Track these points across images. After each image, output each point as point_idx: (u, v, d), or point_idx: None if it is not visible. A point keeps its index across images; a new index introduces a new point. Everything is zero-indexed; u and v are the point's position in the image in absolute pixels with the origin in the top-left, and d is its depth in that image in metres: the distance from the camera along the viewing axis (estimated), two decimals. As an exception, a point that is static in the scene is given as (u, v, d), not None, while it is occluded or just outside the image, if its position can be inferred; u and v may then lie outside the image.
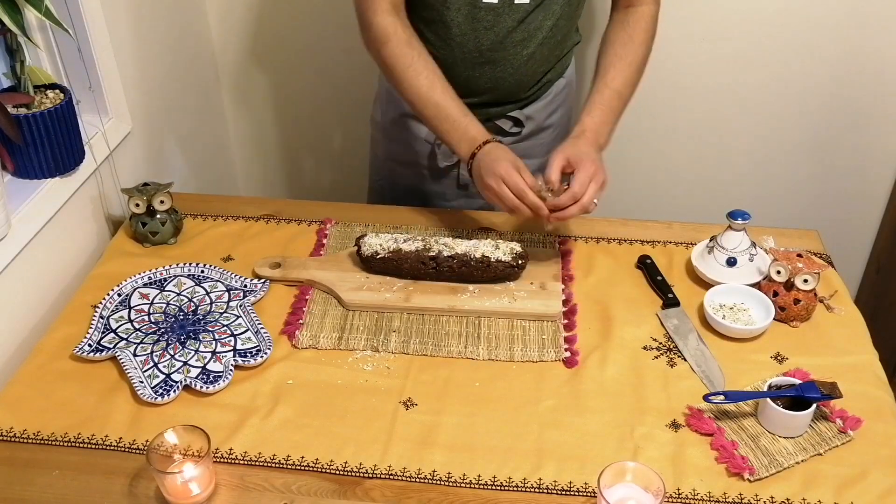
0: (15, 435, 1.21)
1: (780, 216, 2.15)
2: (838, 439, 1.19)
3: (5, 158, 1.42)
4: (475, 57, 1.53)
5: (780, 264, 1.39)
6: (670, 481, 1.14)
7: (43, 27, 1.49)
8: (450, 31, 1.51)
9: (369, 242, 1.45)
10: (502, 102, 1.62)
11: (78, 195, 1.52)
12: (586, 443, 1.20)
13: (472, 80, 1.56)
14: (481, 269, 1.43)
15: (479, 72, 1.55)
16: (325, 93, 2.23)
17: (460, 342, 1.36)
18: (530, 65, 1.57)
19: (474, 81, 1.57)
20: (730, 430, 1.20)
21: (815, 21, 1.95)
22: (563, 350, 1.34)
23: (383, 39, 1.46)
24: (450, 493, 1.14)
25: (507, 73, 1.56)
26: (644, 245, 1.57)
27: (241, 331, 1.36)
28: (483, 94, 1.59)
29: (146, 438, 1.19)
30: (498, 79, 1.57)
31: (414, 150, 1.70)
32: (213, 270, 1.48)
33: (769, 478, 1.14)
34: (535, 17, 1.50)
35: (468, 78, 1.56)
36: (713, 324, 1.37)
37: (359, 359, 1.33)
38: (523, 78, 1.59)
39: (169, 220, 1.55)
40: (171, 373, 1.27)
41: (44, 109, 1.39)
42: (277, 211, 1.66)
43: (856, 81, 2.02)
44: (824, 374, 1.27)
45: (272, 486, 1.14)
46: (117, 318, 1.38)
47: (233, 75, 2.23)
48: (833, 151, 2.15)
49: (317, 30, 2.12)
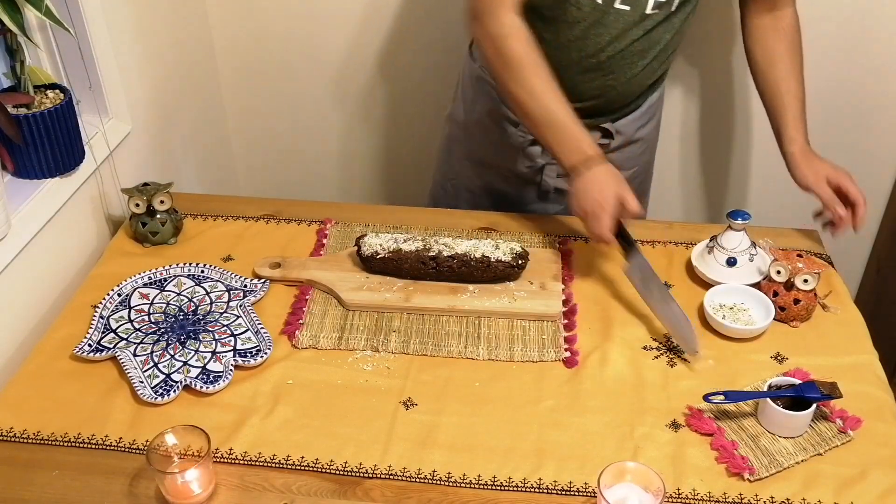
0: (15, 435, 1.21)
1: (780, 216, 2.14)
2: (838, 439, 1.19)
3: (5, 158, 1.42)
4: (590, 62, 1.49)
5: (780, 264, 1.39)
6: (670, 481, 1.14)
7: (43, 27, 1.49)
8: (572, 31, 1.46)
9: (369, 242, 1.45)
10: (602, 113, 1.58)
11: (78, 195, 1.52)
12: (586, 443, 1.20)
13: (580, 85, 1.51)
14: (481, 269, 1.43)
15: (589, 77, 1.51)
16: (325, 93, 2.22)
17: (460, 342, 1.36)
18: (641, 77, 1.54)
19: (581, 87, 1.52)
20: (730, 430, 1.20)
21: (816, 21, 1.95)
22: (563, 350, 1.34)
23: (508, 33, 1.39)
24: (450, 493, 1.14)
25: (618, 82, 1.52)
26: (644, 245, 1.57)
27: (241, 331, 1.36)
28: (586, 101, 1.54)
29: (146, 438, 1.19)
30: (608, 87, 1.53)
31: (499, 151, 1.67)
32: (213, 270, 1.48)
33: (769, 478, 1.14)
34: (659, 29, 1.47)
35: (576, 83, 1.50)
36: (713, 324, 1.37)
37: (359, 359, 1.33)
38: (632, 89, 1.56)
39: (169, 220, 1.55)
40: (171, 373, 1.27)
41: (44, 109, 1.39)
42: (277, 211, 1.66)
43: (856, 81, 2.02)
44: (824, 374, 1.27)
45: (272, 486, 1.14)
46: (117, 318, 1.38)
47: (233, 75, 2.23)
48: (833, 151, 2.13)
49: (317, 30, 2.11)
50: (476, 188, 1.75)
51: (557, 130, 1.40)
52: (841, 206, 1.49)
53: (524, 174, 1.67)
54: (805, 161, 1.53)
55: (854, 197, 1.49)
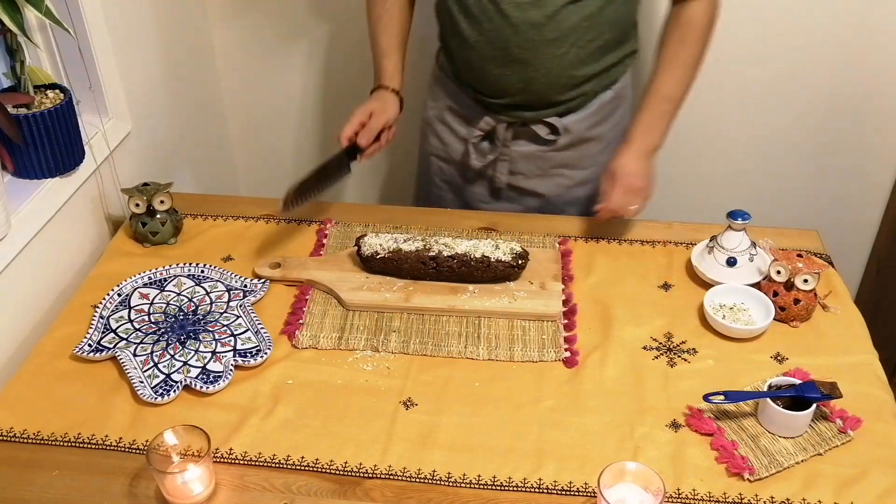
0: (15, 435, 1.21)
1: (780, 216, 2.14)
2: (838, 439, 1.19)
3: (5, 158, 1.42)
4: (504, 55, 1.51)
5: (780, 264, 1.39)
6: (670, 481, 1.14)
7: (43, 27, 1.49)
8: (481, 25, 1.49)
9: (369, 242, 1.45)
10: (536, 106, 1.59)
11: (78, 195, 1.52)
12: (586, 443, 1.20)
13: (502, 80, 1.54)
14: (481, 269, 1.43)
15: (508, 71, 1.52)
16: (325, 92, 2.23)
17: (460, 342, 1.36)
18: (563, 67, 1.52)
19: (505, 80, 1.54)
20: (730, 430, 1.20)
21: (816, 21, 1.95)
22: (563, 350, 1.34)
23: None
24: (450, 493, 1.14)
25: (538, 73, 1.52)
26: (644, 245, 1.57)
27: (241, 331, 1.36)
28: (514, 95, 1.56)
29: (146, 438, 1.19)
30: (529, 79, 1.53)
31: (455, 147, 1.71)
32: (213, 270, 1.48)
33: (769, 478, 1.14)
34: (568, 15, 1.46)
35: (499, 76, 1.54)
36: (713, 324, 1.37)
37: (359, 359, 1.33)
38: (558, 81, 1.54)
39: (169, 220, 1.55)
40: (171, 373, 1.27)
41: (44, 109, 1.39)
42: (277, 211, 1.66)
43: (856, 81, 2.02)
44: (824, 374, 1.27)
45: (272, 486, 1.14)
46: (117, 318, 1.38)
47: (233, 75, 2.23)
48: (833, 151, 2.15)
49: (317, 29, 2.12)
50: (442, 184, 1.78)
51: (375, 56, 1.65)
52: (604, 203, 1.52)
53: (475, 171, 1.70)
54: (622, 157, 1.52)
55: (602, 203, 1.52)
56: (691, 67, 1.51)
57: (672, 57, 1.50)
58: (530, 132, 1.62)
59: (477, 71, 1.56)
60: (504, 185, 1.69)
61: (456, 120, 1.68)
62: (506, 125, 1.61)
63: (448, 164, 1.74)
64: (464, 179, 1.74)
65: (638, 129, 1.52)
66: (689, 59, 1.50)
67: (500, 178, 1.68)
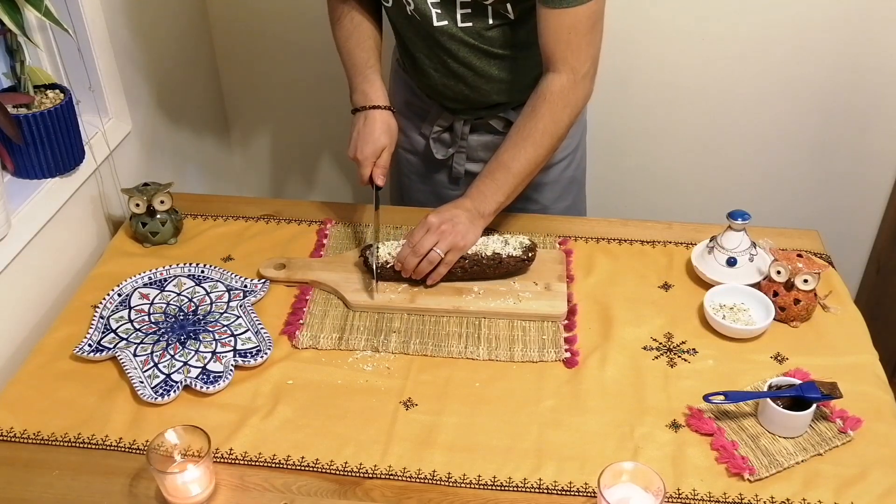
0: (15, 435, 1.21)
1: (780, 216, 2.15)
2: (838, 439, 1.19)
3: (5, 158, 1.42)
4: (445, 69, 1.52)
5: (780, 264, 1.39)
6: (670, 481, 1.14)
7: (43, 27, 1.49)
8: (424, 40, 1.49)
9: (377, 254, 1.43)
10: (488, 107, 1.60)
11: (78, 195, 1.52)
12: (586, 443, 1.20)
13: (448, 88, 1.56)
14: (493, 266, 1.42)
15: (453, 81, 1.54)
16: (325, 92, 2.23)
17: (460, 342, 1.36)
18: (489, 83, 1.53)
19: (450, 90, 1.56)
20: (730, 430, 1.20)
21: (816, 21, 1.95)
22: (563, 350, 1.34)
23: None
24: (450, 493, 1.14)
25: (469, 88, 1.54)
26: (644, 245, 1.57)
27: (241, 331, 1.36)
28: (462, 101, 1.59)
29: (146, 438, 1.19)
30: (474, 89, 1.54)
31: (413, 139, 1.73)
32: (214, 270, 1.48)
33: (769, 478, 1.14)
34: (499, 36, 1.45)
35: (444, 86, 1.56)
36: (713, 324, 1.37)
37: (359, 359, 1.33)
38: (488, 94, 1.55)
39: (169, 220, 1.55)
40: (171, 373, 1.27)
41: (44, 109, 1.40)
42: (277, 211, 1.66)
43: (856, 82, 2.02)
44: (824, 374, 1.27)
45: (272, 486, 1.14)
46: (117, 318, 1.38)
47: (233, 75, 2.24)
48: (833, 152, 2.15)
49: (317, 29, 2.11)
50: (411, 174, 1.80)
51: (352, 73, 1.54)
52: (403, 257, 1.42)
53: (437, 162, 1.72)
54: (445, 206, 1.45)
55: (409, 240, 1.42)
56: (537, 140, 1.42)
57: (520, 127, 1.43)
58: (487, 125, 1.63)
59: (427, 77, 1.57)
60: (462, 174, 1.71)
61: (415, 115, 1.70)
62: (462, 121, 1.63)
63: (413, 155, 1.76)
64: (427, 169, 1.76)
65: (472, 192, 1.46)
66: (535, 131, 1.42)
67: (457, 168, 1.70)
